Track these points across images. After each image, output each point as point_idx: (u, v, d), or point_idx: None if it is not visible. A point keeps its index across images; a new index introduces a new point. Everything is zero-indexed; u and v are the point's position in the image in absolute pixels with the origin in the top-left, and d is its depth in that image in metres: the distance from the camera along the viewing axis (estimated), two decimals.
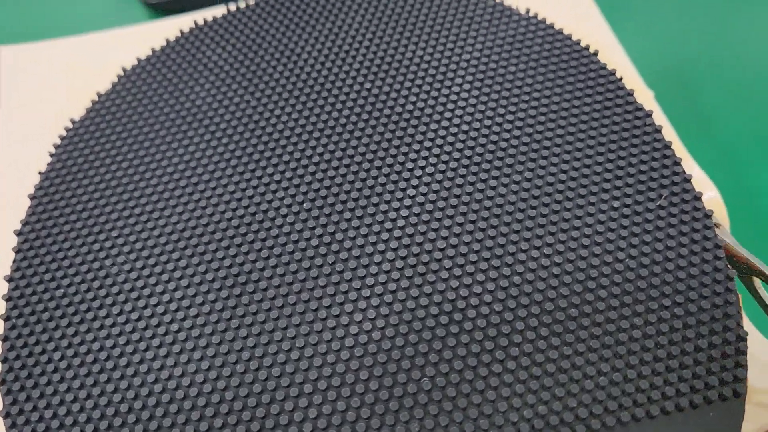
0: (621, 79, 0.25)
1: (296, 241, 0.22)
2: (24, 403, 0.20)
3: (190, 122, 0.26)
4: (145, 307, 0.22)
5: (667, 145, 0.23)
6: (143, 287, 0.22)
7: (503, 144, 0.24)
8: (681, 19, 0.39)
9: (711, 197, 0.26)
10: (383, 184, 0.23)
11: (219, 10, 0.30)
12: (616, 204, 0.22)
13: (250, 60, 0.27)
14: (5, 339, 0.22)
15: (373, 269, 0.21)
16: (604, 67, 0.25)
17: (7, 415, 0.20)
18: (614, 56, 0.27)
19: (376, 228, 0.22)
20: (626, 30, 0.35)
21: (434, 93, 0.25)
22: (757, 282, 0.22)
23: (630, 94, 0.24)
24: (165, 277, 0.22)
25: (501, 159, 0.23)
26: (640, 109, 0.24)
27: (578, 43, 0.26)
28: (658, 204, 0.22)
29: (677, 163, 0.23)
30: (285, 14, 0.29)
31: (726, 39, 0.38)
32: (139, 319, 0.21)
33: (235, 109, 0.26)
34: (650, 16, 0.39)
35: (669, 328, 0.20)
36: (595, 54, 0.26)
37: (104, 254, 0.23)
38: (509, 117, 0.24)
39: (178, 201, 0.24)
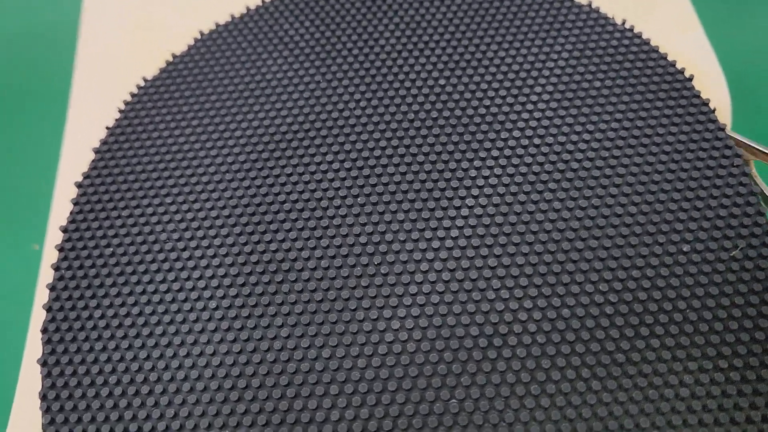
0: (714, 110, 0.23)
1: (345, 236, 0.22)
2: (61, 354, 0.21)
3: (257, 96, 0.25)
4: (188, 278, 0.22)
5: (753, 192, 0.21)
6: (188, 258, 0.22)
7: (574, 164, 0.22)
8: None
9: None
10: (443, 189, 0.22)
11: None
12: (685, 248, 0.20)
13: (326, 39, 0.27)
14: (52, 288, 0.22)
15: (419, 277, 0.21)
16: (697, 96, 0.23)
17: (44, 364, 0.21)
18: (712, 83, 0.25)
19: (428, 234, 0.22)
20: (730, 53, 0.32)
21: (510, 99, 0.24)
22: (754, 170, 0.23)
23: (721, 129, 0.23)
24: (211, 251, 0.22)
25: (570, 180, 0.22)
26: (730, 147, 0.22)
27: (673, 64, 0.24)
28: (732, 255, 0.20)
29: (761, 213, 0.21)
30: None
31: None
32: (180, 290, 0.22)
33: (304, 89, 0.25)
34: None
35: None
36: (690, 79, 0.24)
37: (156, 219, 0.23)
38: (585, 136, 0.23)
39: (234, 176, 0.24)
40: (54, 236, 0.24)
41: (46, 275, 0.24)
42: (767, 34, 0.35)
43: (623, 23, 0.26)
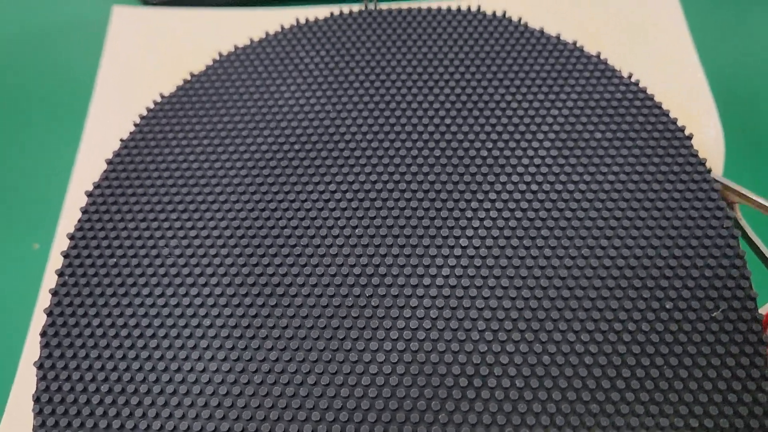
0: (710, 170, 0.24)
1: (340, 265, 0.23)
2: (57, 359, 0.22)
3: (268, 120, 0.26)
4: (185, 295, 0.22)
5: (740, 255, 0.22)
6: (188, 275, 0.23)
7: (568, 213, 0.23)
8: None
9: None
10: (438, 228, 0.23)
11: (322, 11, 0.30)
12: (668, 305, 0.21)
13: (340, 70, 0.28)
14: (55, 293, 0.23)
15: (407, 313, 0.21)
16: (695, 155, 0.24)
17: (40, 366, 0.22)
18: (711, 142, 0.26)
19: (420, 271, 0.22)
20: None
21: (512, 143, 0.25)
22: (737, 208, 0.24)
23: (715, 190, 0.23)
24: (210, 270, 0.23)
25: (563, 229, 0.23)
26: (722, 209, 0.23)
27: (675, 121, 0.25)
28: (713, 316, 0.21)
29: (751, 298, 0.21)
30: (384, 29, 0.29)
31: None
32: (177, 305, 0.22)
33: (314, 117, 0.26)
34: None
35: None
36: (689, 138, 0.24)
37: (160, 234, 0.24)
38: (582, 186, 0.23)
39: (239, 197, 0.24)
40: (61, 242, 0.25)
41: (50, 280, 0.24)
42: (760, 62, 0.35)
43: (629, 77, 0.26)
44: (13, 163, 0.32)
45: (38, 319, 0.24)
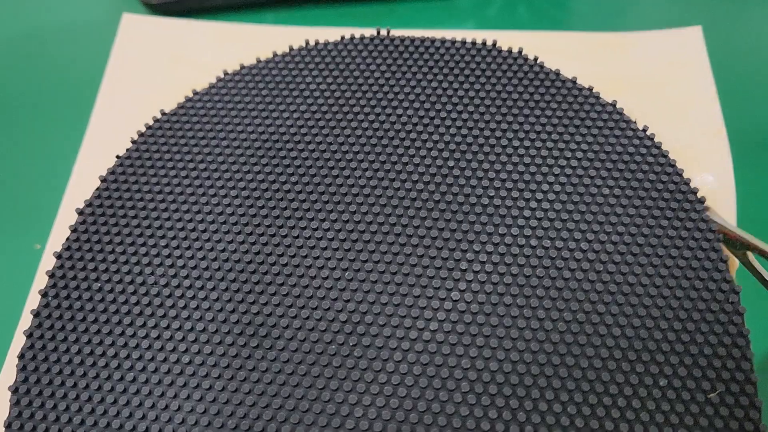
0: (720, 240, 0.23)
1: (327, 309, 0.22)
2: (33, 384, 0.21)
3: (268, 148, 0.26)
4: (167, 328, 0.22)
5: (743, 334, 0.21)
6: (171, 306, 0.22)
7: (567, 273, 0.22)
8: None
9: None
10: (431, 277, 0.22)
11: (333, 33, 0.30)
12: (662, 382, 0.20)
13: (345, 99, 0.27)
14: (37, 314, 0.22)
15: (390, 366, 0.21)
16: (705, 220, 0.23)
17: (15, 391, 0.21)
18: (724, 207, 0.25)
19: (407, 323, 0.21)
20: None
21: (515, 192, 0.24)
22: (751, 256, 0.23)
23: (724, 261, 0.22)
24: (194, 304, 0.22)
25: (559, 290, 0.22)
26: (729, 281, 0.22)
27: (687, 182, 0.24)
28: (709, 397, 0.20)
29: (746, 358, 0.20)
30: (395, 59, 0.28)
31: None
32: (157, 338, 0.22)
33: (315, 148, 0.25)
34: None
35: None
36: (702, 201, 0.23)
37: (147, 260, 0.23)
38: (583, 245, 0.23)
39: (231, 228, 0.24)
40: (48, 261, 0.25)
41: (33, 299, 0.24)
42: None
43: (644, 129, 0.25)
44: (12, 165, 0.31)
45: (18, 342, 0.23)
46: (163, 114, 0.27)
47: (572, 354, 0.21)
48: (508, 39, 0.30)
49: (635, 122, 0.25)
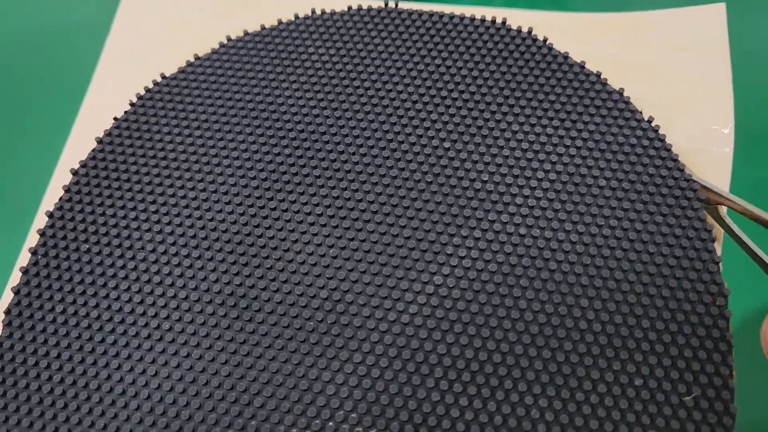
0: (714, 240, 0.22)
1: (305, 273, 0.22)
2: (17, 340, 0.22)
3: (264, 117, 0.25)
4: (151, 293, 0.22)
5: (726, 339, 0.20)
6: (157, 272, 0.22)
7: (560, 256, 0.22)
8: None
9: None
10: (416, 261, 0.22)
11: (339, 3, 0.29)
12: (637, 381, 0.20)
13: (347, 70, 0.26)
14: (25, 271, 0.23)
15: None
16: (701, 219, 0.22)
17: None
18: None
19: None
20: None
21: (513, 173, 0.23)
22: (723, 210, 0.23)
23: (716, 262, 0.21)
24: (178, 271, 0.22)
25: (552, 271, 0.21)
26: (719, 283, 0.21)
27: (688, 178, 0.23)
28: (684, 399, 0.19)
29: (724, 375, 0.20)
30: (401, 32, 0.27)
31: None
32: (141, 302, 0.22)
33: (311, 120, 0.25)
34: None
35: None
36: (700, 199, 0.23)
37: (137, 224, 0.23)
38: (580, 227, 0.22)
39: (221, 198, 0.24)
40: (41, 220, 0.25)
41: (25, 257, 0.24)
42: None
43: (650, 120, 0.24)
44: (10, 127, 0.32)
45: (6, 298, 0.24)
46: (163, 78, 0.27)
47: (549, 347, 0.20)
48: (517, 18, 0.29)
49: (641, 112, 0.25)
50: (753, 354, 0.26)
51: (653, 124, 0.24)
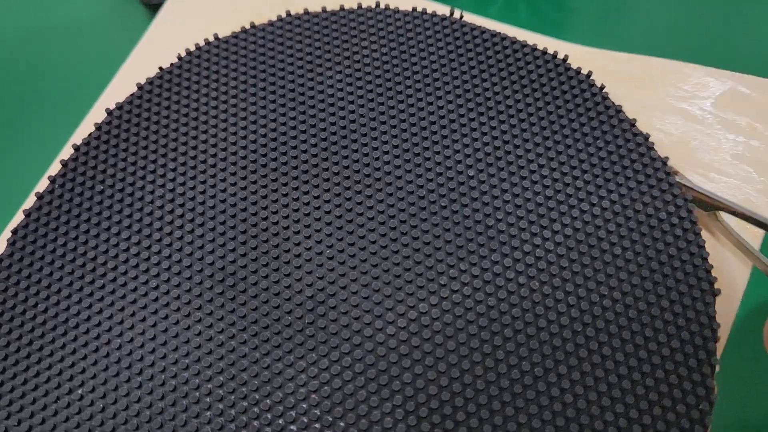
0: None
1: (298, 267, 0.22)
2: (2, 293, 0.22)
3: (282, 104, 0.25)
4: (146, 283, 0.22)
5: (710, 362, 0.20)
6: (147, 258, 0.22)
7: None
8: None
9: None
10: (407, 268, 0.22)
11: None
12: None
13: (363, 64, 0.26)
14: (15, 231, 0.23)
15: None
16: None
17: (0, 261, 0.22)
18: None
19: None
20: None
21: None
22: (721, 215, 0.24)
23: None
24: (178, 245, 0.22)
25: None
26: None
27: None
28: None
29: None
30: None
31: None
32: (135, 290, 0.22)
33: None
34: None
35: None
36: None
37: (153, 178, 0.24)
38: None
39: (228, 176, 0.24)
40: (67, 152, 0.26)
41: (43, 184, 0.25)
42: None
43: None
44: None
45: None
46: (216, 39, 0.27)
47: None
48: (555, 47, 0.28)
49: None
50: (753, 354, 0.26)
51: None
